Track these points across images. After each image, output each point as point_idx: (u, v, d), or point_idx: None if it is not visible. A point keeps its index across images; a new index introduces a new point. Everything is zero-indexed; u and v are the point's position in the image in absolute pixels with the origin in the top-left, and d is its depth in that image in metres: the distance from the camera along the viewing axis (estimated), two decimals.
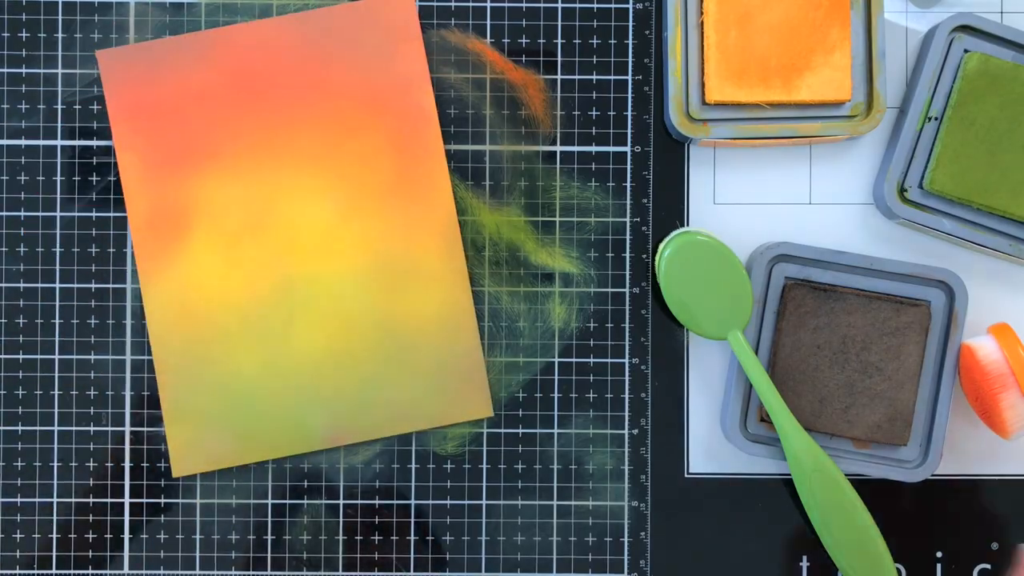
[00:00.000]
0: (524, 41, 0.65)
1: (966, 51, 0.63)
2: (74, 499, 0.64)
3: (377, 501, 0.65)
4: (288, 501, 0.64)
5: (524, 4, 0.65)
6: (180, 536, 0.64)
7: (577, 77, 0.65)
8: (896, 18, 0.65)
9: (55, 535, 0.64)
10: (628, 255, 0.65)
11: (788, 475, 0.65)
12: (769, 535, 0.65)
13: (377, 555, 0.65)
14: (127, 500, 0.64)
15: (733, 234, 0.65)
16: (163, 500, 0.64)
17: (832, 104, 0.63)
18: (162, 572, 0.64)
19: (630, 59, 0.65)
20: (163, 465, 0.64)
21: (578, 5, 0.65)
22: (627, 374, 0.65)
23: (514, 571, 0.65)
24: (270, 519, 0.64)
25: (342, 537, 0.64)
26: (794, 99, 0.62)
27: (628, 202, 0.65)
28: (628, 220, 0.65)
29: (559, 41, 0.65)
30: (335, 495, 0.64)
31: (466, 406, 0.64)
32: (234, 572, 0.64)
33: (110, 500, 0.64)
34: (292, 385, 0.64)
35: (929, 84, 0.63)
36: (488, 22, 0.65)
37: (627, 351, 0.65)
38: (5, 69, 0.65)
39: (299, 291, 0.64)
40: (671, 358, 0.65)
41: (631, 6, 0.65)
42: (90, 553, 0.64)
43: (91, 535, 0.64)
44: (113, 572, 0.64)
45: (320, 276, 0.64)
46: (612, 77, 0.65)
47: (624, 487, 0.65)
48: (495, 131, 0.65)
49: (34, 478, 0.64)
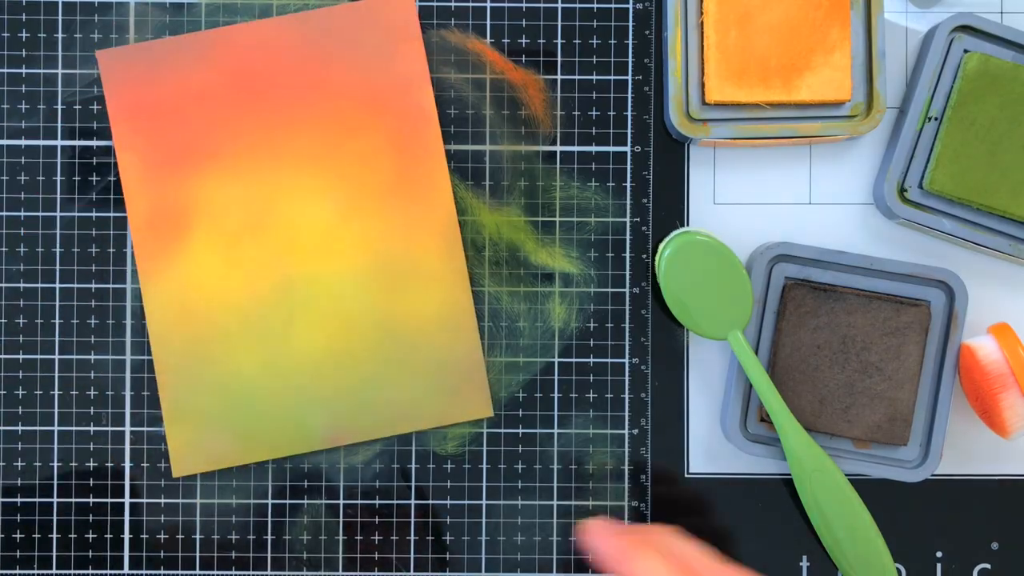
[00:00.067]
0: (524, 41, 0.65)
1: (966, 51, 0.63)
2: (74, 499, 0.64)
3: (377, 501, 0.65)
4: (288, 501, 0.64)
5: (524, 4, 0.65)
6: (180, 536, 0.64)
7: (577, 77, 0.65)
8: (896, 18, 0.65)
9: (55, 535, 0.64)
10: (628, 255, 0.65)
11: (788, 475, 0.65)
12: (769, 535, 0.65)
13: (377, 555, 0.64)
14: (127, 500, 0.64)
15: (733, 234, 0.65)
16: (163, 500, 0.64)
17: (832, 104, 0.63)
18: (162, 572, 0.64)
19: (630, 59, 0.65)
20: (163, 465, 0.64)
21: (578, 5, 0.65)
22: (627, 374, 0.65)
23: (514, 571, 0.65)
24: (270, 519, 0.64)
25: (342, 537, 0.64)
26: (794, 99, 0.62)
27: (628, 202, 0.65)
28: (628, 220, 0.65)
29: (559, 41, 0.65)
30: (335, 495, 0.64)
31: (466, 406, 0.64)
32: (234, 572, 0.64)
33: (110, 500, 0.64)
34: (292, 385, 0.64)
35: (929, 84, 0.63)
36: (488, 22, 0.65)
37: (627, 351, 0.65)
38: (5, 69, 0.65)
39: (299, 291, 0.64)
40: (671, 358, 0.65)
41: (631, 6, 0.65)
42: (90, 553, 0.64)
43: (91, 535, 0.64)
44: (113, 572, 0.64)
45: (320, 276, 0.64)
46: (612, 77, 0.65)
47: (624, 487, 0.65)
48: (495, 131, 0.65)
49: (34, 478, 0.64)
